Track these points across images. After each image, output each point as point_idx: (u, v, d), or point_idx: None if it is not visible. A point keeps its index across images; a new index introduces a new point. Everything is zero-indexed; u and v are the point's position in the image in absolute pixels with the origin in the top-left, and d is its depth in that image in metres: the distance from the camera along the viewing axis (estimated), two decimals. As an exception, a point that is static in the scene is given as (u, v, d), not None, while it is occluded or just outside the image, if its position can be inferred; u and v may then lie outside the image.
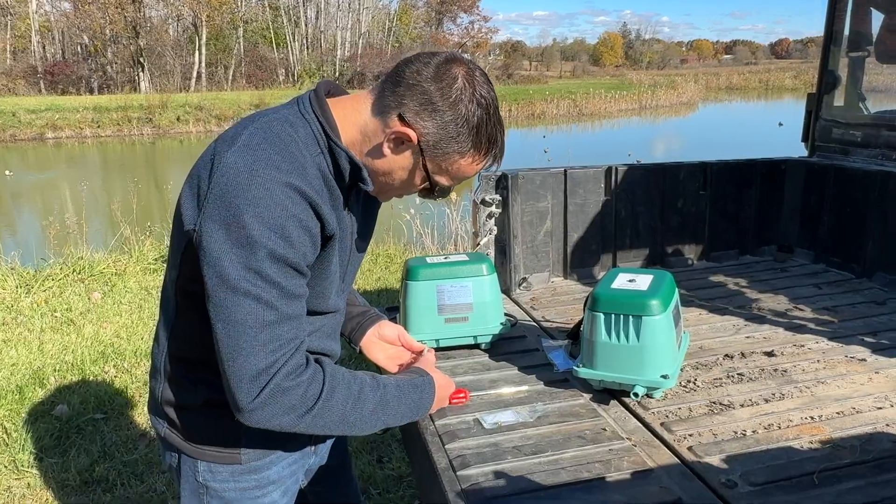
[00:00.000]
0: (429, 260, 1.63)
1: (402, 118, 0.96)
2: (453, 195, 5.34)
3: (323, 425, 0.97)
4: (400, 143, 0.98)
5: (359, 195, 1.12)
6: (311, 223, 0.92)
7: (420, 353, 1.33)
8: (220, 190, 0.89)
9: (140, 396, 2.89)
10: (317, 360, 1.00)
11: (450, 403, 1.29)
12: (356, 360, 3.25)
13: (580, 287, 2.16)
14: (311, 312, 1.07)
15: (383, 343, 1.35)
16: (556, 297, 2.07)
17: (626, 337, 1.27)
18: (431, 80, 0.95)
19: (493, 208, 2.05)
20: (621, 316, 1.28)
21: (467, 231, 5.07)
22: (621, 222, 2.27)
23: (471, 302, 1.56)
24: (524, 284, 2.12)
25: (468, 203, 5.21)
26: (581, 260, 2.25)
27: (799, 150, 2.53)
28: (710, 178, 2.32)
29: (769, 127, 14.66)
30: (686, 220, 2.33)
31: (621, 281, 1.37)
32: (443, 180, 1.02)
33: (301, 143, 0.95)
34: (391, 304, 2.17)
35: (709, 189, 2.32)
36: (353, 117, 0.99)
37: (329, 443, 1.21)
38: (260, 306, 0.90)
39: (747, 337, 1.66)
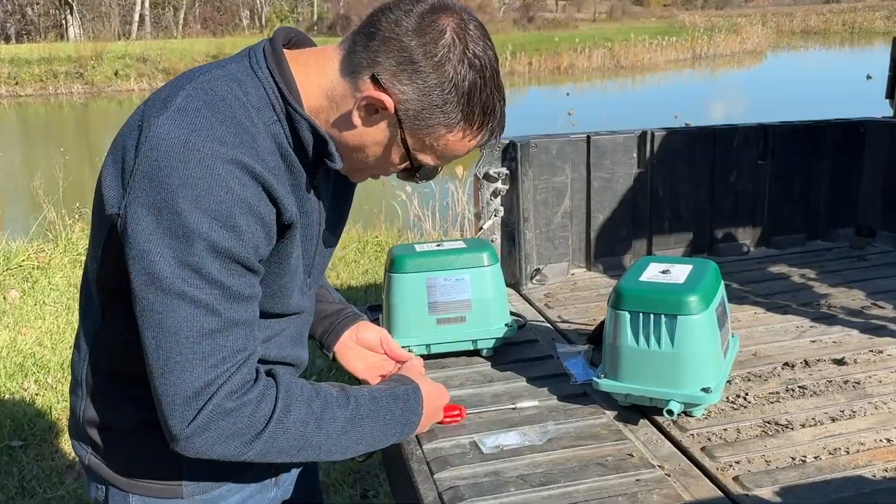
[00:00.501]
0: (418, 248, 1.64)
1: (375, 80, 0.94)
2: (458, 169, 5.36)
3: (279, 451, 0.97)
4: (373, 111, 0.96)
5: (328, 173, 1.12)
6: (263, 209, 0.92)
7: (400, 361, 1.34)
8: (148, 166, 0.88)
9: (67, 419, 2.91)
10: (269, 373, 1.01)
11: (441, 422, 1.30)
12: (337, 372, 3.28)
13: (606, 281, 2.17)
14: (269, 315, 1.07)
15: (362, 349, 1.36)
16: (575, 293, 2.08)
17: (658, 341, 1.28)
18: (413, 33, 0.93)
19: (499, 184, 2.06)
20: (651, 315, 1.28)
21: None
22: (658, 201, 2.27)
23: (469, 299, 1.57)
24: (537, 277, 2.13)
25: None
26: (608, 247, 2.25)
27: (886, 110, 2.52)
28: (771, 144, 2.31)
29: (856, 80, 14.51)
30: (741, 197, 2.33)
31: (652, 272, 1.37)
32: (427, 159, 1.01)
33: (252, 109, 0.94)
34: (376, 303, 2.19)
35: (770, 159, 2.32)
36: (318, 77, 0.98)
37: (294, 473, 1.21)
38: (198, 311, 0.89)
39: (813, 341, 1.67)
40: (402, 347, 1.53)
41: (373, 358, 1.36)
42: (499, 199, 2.08)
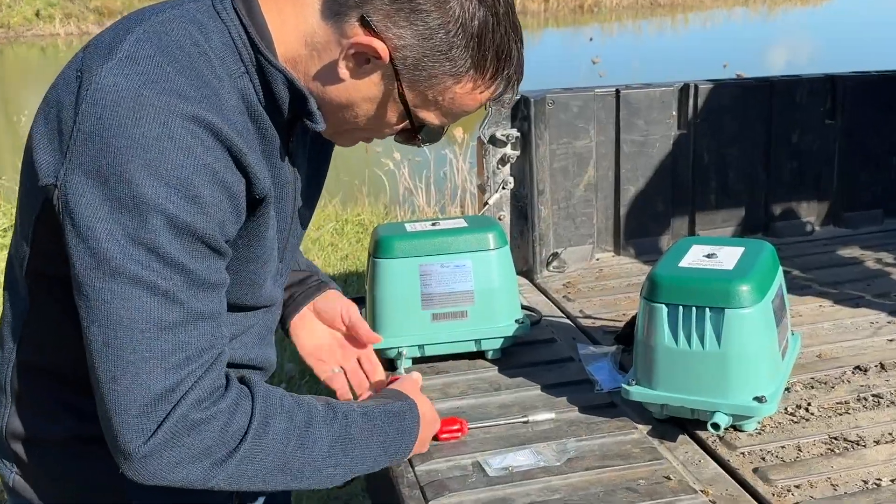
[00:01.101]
0: (409, 227, 1.64)
1: (365, 23, 0.93)
2: (458, 131, 5.36)
3: (253, 476, 0.97)
4: (363, 61, 0.96)
5: (304, 135, 1.12)
6: (230, 177, 0.92)
7: (364, 346, 1.36)
8: (91, 126, 0.87)
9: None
10: (242, 379, 1.01)
11: (438, 438, 1.31)
12: (311, 379, 3.30)
13: (638, 267, 2.17)
14: (236, 308, 1.07)
15: (316, 324, 1.35)
16: (601, 283, 2.08)
17: (702, 340, 1.28)
18: None
19: (508, 150, 2.06)
20: (694, 308, 1.28)
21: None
22: (703, 169, 2.27)
23: (471, 290, 1.57)
24: (554, 263, 2.13)
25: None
26: (640, 226, 2.25)
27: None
28: (841, 99, 2.31)
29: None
30: (804, 164, 2.33)
31: (695, 255, 1.37)
32: (430, 117, 1.01)
33: (214, 58, 0.93)
34: (358, 295, 2.18)
35: (839, 117, 2.32)
36: (295, 21, 0.97)
37: (261, 501, 1.23)
38: (156, 299, 0.89)
39: (890, 340, 1.67)
40: (390, 349, 1.54)
41: (326, 337, 1.36)
42: (508, 167, 2.08)
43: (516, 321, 1.60)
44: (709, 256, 1.37)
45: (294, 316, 1.34)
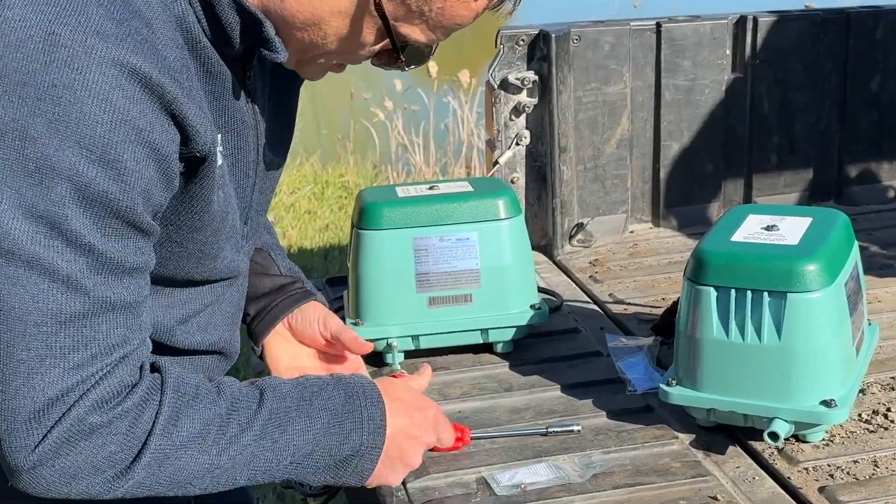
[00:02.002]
0: (400, 192, 1.63)
1: None
2: (463, 74, 5.33)
3: (169, 482, 0.98)
4: None
5: (263, 69, 1.12)
6: (159, 135, 0.92)
7: (345, 361, 1.38)
8: None
9: None
10: (154, 367, 1.02)
11: (436, 449, 1.30)
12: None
13: (681, 241, 2.16)
14: (185, 283, 1.09)
15: (293, 344, 1.38)
16: (635, 260, 2.07)
17: (758, 331, 1.27)
18: None
19: (524, 97, 2.04)
20: (749, 293, 1.27)
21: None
22: (762, 121, 2.25)
23: (476, 268, 1.57)
24: (579, 236, 2.12)
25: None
26: (685, 191, 2.24)
27: None
28: (932, 37, 2.29)
29: None
30: (886, 116, 2.32)
31: (751, 227, 1.37)
32: (414, 32, 1.02)
33: None
34: (338, 274, 2.18)
35: (930, 58, 2.30)
36: None
37: None
38: (55, 286, 0.90)
39: None
40: (378, 340, 1.54)
41: (307, 359, 1.38)
42: (523, 119, 2.07)
43: (532, 307, 1.60)
44: (768, 229, 1.36)
45: (267, 333, 1.36)
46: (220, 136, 1.05)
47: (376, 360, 1.58)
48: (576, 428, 1.37)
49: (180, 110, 0.93)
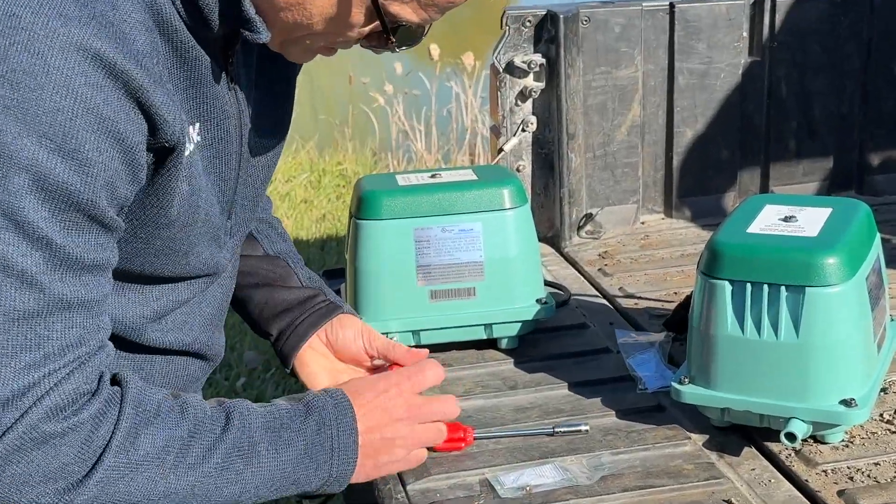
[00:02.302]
0: (401, 180, 1.64)
1: None
2: (467, 57, 5.32)
3: (124, 501, 0.98)
4: None
5: (249, 53, 1.12)
6: (125, 124, 0.92)
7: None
8: None
9: None
10: (115, 379, 1.01)
11: (436, 448, 1.31)
12: (279, 372, 3.30)
13: (694, 233, 2.16)
14: (155, 279, 1.09)
15: (331, 359, 1.38)
16: (647, 252, 2.07)
17: (775, 327, 1.27)
18: None
19: (531, 81, 2.04)
20: (765, 287, 1.27)
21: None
22: (780, 106, 2.25)
23: (480, 260, 1.57)
24: (588, 227, 2.12)
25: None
26: (699, 180, 2.24)
27: None
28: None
29: None
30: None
31: (768, 218, 1.36)
32: (405, 12, 1.02)
33: None
34: (336, 266, 2.17)
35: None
36: None
37: None
38: (8, 282, 0.89)
39: None
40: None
41: (347, 373, 1.38)
42: (529, 104, 2.06)
43: (538, 301, 1.60)
44: (786, 220, 1.35)
45: (298, 351, 1.36)
46: (198, 124, 1.04)
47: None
48: (584, 428, 1.37)
49: (147, 98, 0.92)
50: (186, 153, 1.01)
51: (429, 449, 1.30)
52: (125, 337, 1.11)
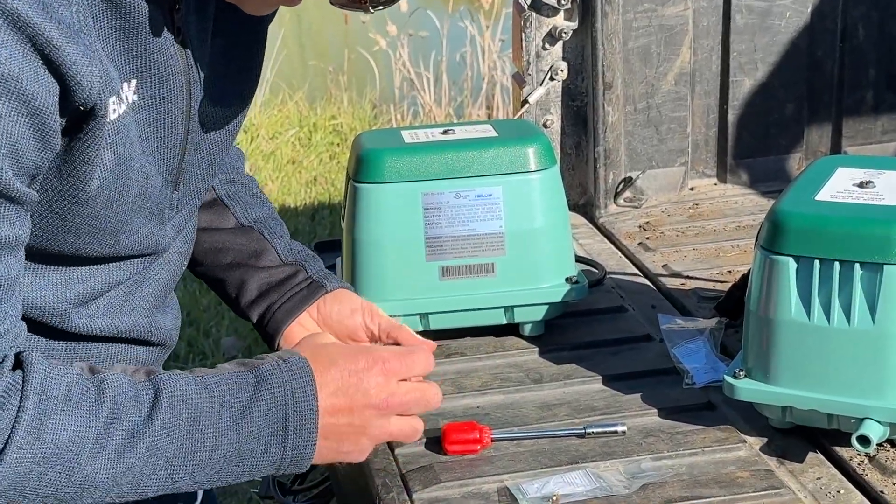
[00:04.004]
0: (407, 136, 1.64)
1: None
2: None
3: (33, 497, 1.00)
4: None
5: (204, 5, 1.13)
6: (31, 84, 0.92)
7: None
8: None
9: None
10: (20, 359, 1.02)
11: (448, 451, 1.32)
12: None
13: (753, 201, 2.16)
14: (79, 260, 1.10)
15: (324, 337, 1.37)
16: (696, 224, 2.07)
17: (847, 312, 1.27)
18: None
19: (561, 20, 2.04)
20: (836, 264, 1.27)
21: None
22: (856, 52, 2.25)
23: (500, 232, 1.57)
24: (627, 194, 2.13)
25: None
26: (758, 139, 2.24)
27: None
28: None
29: None
30: None
31: (840, 183, 1.36)
32: None
33: None
34: (329, 237, 2.17)
35: None
36: None
37: None
38: None
39: None
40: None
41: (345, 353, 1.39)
42: (559, 47, 2.06)
43: (567, 280, 1.60)
44: (861, 185, 1.35)
45: (280, 334, 1.39)
46: (134, 81, 1.05)
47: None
48: (620, 428, 1.37)
49: (58, 55, 0.93)
50: (113, 116, 1.01)
51: (440, 452, 1.32)
52: (47, 323, 1.12)
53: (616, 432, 1.37)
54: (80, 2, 0.97)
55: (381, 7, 1.07)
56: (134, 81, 1.05)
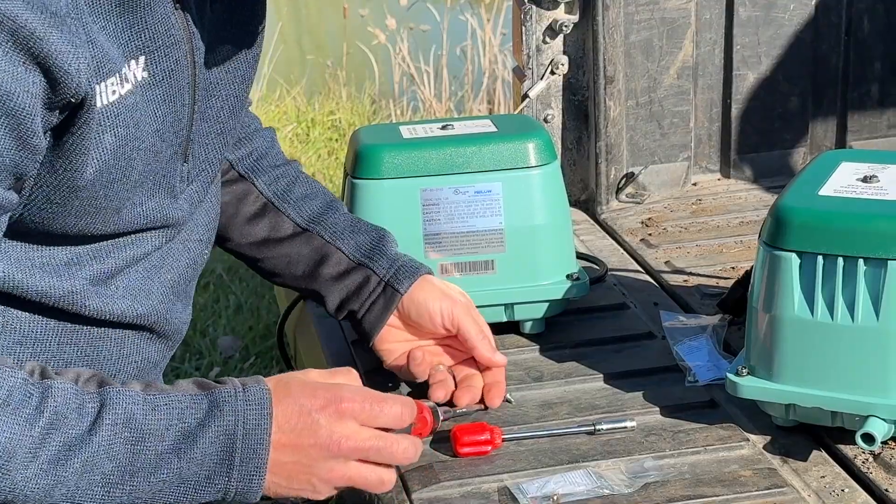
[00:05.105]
0: (406, 132, 1.64)
1: None
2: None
3: None
4: None
5: None
6: (10, 85, 0.92)
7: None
8: None
9: None
10: None
11: (459, 454, 1.32)
12: (258, 364, 3.31)
13: (756, 196, 2.16)
14: (87, 238, 1.10)
15: (404, 332, 1.41)
16: (699, 219, 2.07)
17: (851, 308, 1.27)
18: None
19: (561, 13, 2.04)
20: (840, 260, 1.27)
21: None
22: (861, 45, 2.24)
23: (500, 228, 1.58)
24: (629, 189, 2.13)
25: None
26: (762, 133, 2.24)
27: None
28: None
29: None
30: None
31: (844, 178, 1.36)
32: None
33: None
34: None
35: None
36: None
37: None
38: None
39: None
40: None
41: (423, 347, 1.42)
42: (560, 41, 2.06)
43: (568, 277, 1.60)
44: (865, 180, 1.35)
45: (372, 341, 1.42)
46: (142, 58, 1.04)
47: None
48: (629, 424, 1.38)
49: (41, 47, 0.92)
50: (112, 97, 1.01)
51: (441, 451, 1.32)
52: (64, 308, 1.11)
53: (625, 428, 1.37)
54: None
55: None
56: (142, 58, 1.04)
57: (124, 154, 1.06)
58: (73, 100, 0.97)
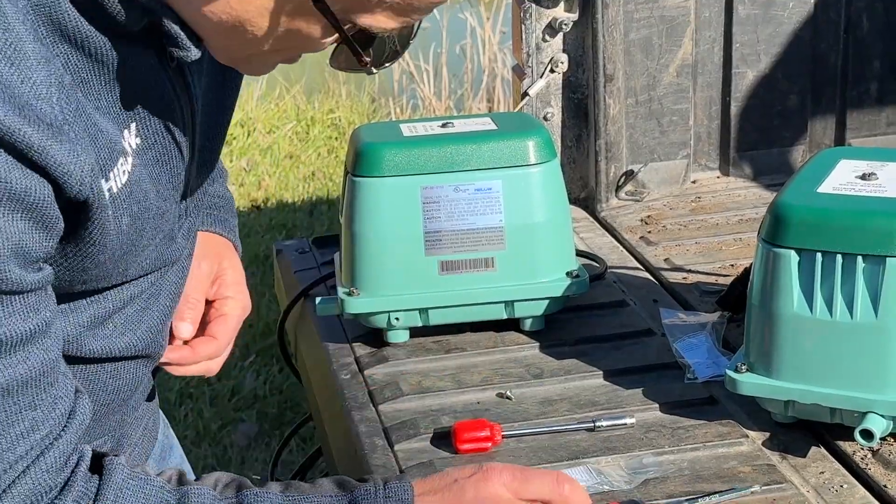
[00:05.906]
0: (406, 130, 1.64)
1: None
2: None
3: None
4: None
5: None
6: (22, 182, 0.91)
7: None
8: None
9: None
10: (97, 462, 1.01)
11: (460, 451, 1.33)
12: (259, 361, 3.32)
13: (756, 194, 2.16)
14: (90, 292, 1.10)
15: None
16: (698, 217, 2.07)
17: (850, 306, 1.28)
18: None
19: (561, 11, 2.04)
20: (839, 257, 1.28)
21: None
22: (861, 43, 2.24)
23: (500, 226, 1.58)
24: (628, 187, 2.13)
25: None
26: (761, 131, 2.24)
27: None
28: None
29: None
30: None
31: (843, 175, 1.36)
32: (377, 21, 0.97)
33: None
34: (328, 233, 2.17)
35: None
36: None
37: None
38: None
39: None
40: (378, 314, 1.55)
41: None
42: (559, 39, 2.06)
43: (568, 274, 1.61)
44: (864, 178, 1.36)
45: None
46: (133, 125, 1.04)
47: (377, 338, 1.60)
48: (629, 421, 1.38)
49: (42, 158, 0.91)
50: (123, 179, 1.00)
51: (443, 448, 1.32)
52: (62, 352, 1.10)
53: (625, 425, 1.38)
54: (62, 80, 0.94)
55: (387, 65, 1.06)
56: (133, 125, 1.03)
57: (137, 227, 1.06)
58: (74, 201, 0.96)
